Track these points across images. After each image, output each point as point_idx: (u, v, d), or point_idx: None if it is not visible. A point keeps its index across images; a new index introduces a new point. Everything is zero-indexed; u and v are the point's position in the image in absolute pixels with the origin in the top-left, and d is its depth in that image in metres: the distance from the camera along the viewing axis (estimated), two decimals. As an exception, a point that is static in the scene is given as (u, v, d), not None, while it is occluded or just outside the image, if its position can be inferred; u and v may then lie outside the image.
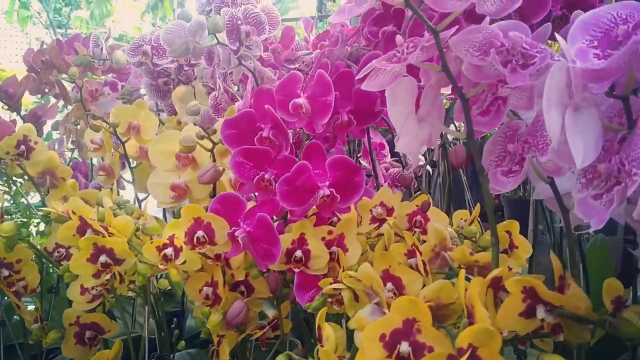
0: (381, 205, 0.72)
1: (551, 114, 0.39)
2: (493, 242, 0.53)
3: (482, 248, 0.73)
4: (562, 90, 0.40)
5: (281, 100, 0.65)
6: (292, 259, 0.63)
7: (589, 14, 0.42)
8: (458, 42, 0.49)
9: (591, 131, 0.40)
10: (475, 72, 0.49)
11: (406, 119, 0.52)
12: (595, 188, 0.41)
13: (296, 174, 0.60)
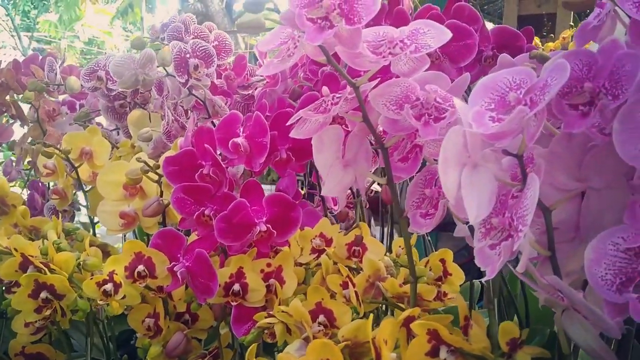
0: (320, 236, 0.75)
1: (447, 175, 0.42)
2: (411, 280, 0.56)
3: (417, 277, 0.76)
4: (459, 151, 0.43)
5: (221, 138, 0.68)
6: (230, 292, 0.65)
7: (489, 77, 0.46)
8: (377, 95, 0.53)
9: (486, 188, 0.43)
10: (391, 125, 0.52)
11: (331, 165, 0.56)
12: (492, 238, 0.45)
13: (233, 212, 0.63)
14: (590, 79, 0.44)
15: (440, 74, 0.58)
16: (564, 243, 0.48)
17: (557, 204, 0.46)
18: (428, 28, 0.51)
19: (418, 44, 0.50)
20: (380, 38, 0.52)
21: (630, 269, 0.41)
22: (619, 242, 0.42)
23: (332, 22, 0.47)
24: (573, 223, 0.48)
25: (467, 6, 0.76)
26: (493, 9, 5.65)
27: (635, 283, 0.41)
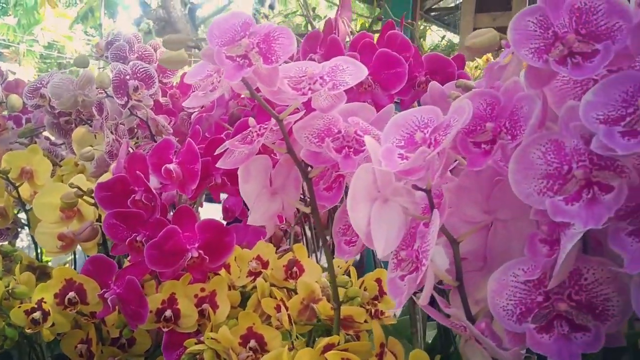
0: (257, 259, 0.76)
1: (356, 211, 0.44)
2: (334, 306, 0.58)
3: (350, 297, 0.78)
4: (369, 188, 0.45)
5: (155, 164, 0.68)
6: (162, 318, 0.66)
7: (400, 115, 0.48)
8: (300, 128, 0.55)
9: (395, 222, 0.45)
10: (313, 158, 0.54)
11: (258, 195, 0.57)
12: (402, 270, 0.47)
13: (164, 238, 0.64)
14: (492, 119, 0.47)
15: (365, 105, 0.60)
16: (473, 272, 0.50)
17: (464, 235, 0.48)
18: (347, 65, 0.53)
19: (336, 81, 0.52)
20: (301, 73, 0.53)
21: (529, 300, 0.43)
22: (519, 273, 0.44)
23: (251, 60, 0.49)
24: (482, 253, 0.50)
25: (399, 35, 0.79)
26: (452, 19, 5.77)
27: (534, 314, 0.43)
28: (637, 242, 0.37)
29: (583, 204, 0.39)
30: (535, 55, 0.43)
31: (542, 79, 0.43)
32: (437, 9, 6.05)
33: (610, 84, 0.38)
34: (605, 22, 0.42)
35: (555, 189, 0.41)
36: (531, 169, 0.42)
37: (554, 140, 0.42)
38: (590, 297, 0.42)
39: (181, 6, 8.72)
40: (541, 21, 0.44)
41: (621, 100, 0.38)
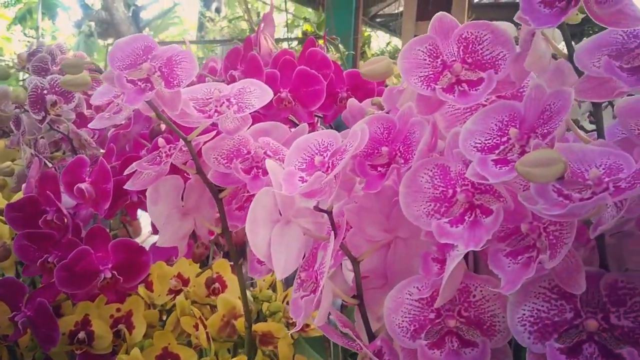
0: (178, 276, 0.76)
1: (257, 234, 0.45)
2: (246, 325, 0.58)
3: (273, 312, 0.79)
4: (270, 211, 0.46)
5: (68, 183, 0.67)
6: (76, 340, 0.65)
7: (303, 139, 0.49)
8: (209, 149, 0.55)
9: (295, 244, 0.46)
10: (222, 178, 0.55)
11: (168, 215, 0.57)
12: (304, 290, 0.48)
13: (75, 259, 0.63)
14: (388, 143, 0.49)
15: (278, 125, 0.61)
16: (375, 290, 0.51)
17: (364, 254, 0.49)
18: (254, 87, 0.54)
19: (242, 104, 0.53)
20: (208, 95, 0.54)
21: (423, 317, 0.45)
22: (413, 291, 0.46)
23: (153, 84, 0.49)
24: (383, 271, 0.52)
25: (319, 52, 0.80)
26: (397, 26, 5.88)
27: (427, 330, 0.45)
28: (513, 264, 0.39)
29: (466, 226, 0.41)
30: (424, 84, 0.45)
31: (431, 106, 0.45)
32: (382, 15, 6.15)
33: (487, 113, 0.41)
34: (490, 51, 0.45)
35: (442, 211, 0.43)
36: (420, 192, 0.44)
37: (440, 165, 0.44)
38: (479, 313, 0.44)
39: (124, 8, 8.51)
40: (431, 50, 0.46)
41: (497, 129, 0.40)
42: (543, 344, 0.37)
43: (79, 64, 0.47)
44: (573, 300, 0.38)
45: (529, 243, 0.39)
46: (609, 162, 0.35)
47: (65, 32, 9.52)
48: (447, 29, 0.46)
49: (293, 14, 6.93)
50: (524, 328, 0.38)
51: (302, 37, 6.03)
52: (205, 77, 0.83)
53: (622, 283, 0.37)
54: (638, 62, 0.38)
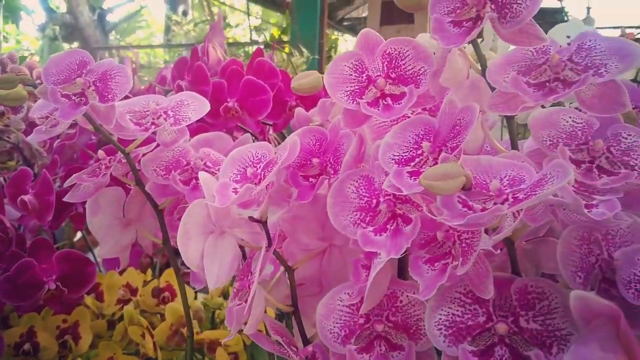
0: (126, 286, 0.76)
1: (188, 246, 0.46)
2: (188, 334, 0.59)
3: (222, 320, 0.80)
4: (203, 222, 0.47)
5: (12, 195, 0.67)
6: (21, 351, 0.64)
7: (237, 150, 0.50)
8: (148, 161, 0.56)
9: (228, 255, 0.47)
10: (160, 190, 0.55)
11: (108, 227, 0.57)
12: (240, 299, 0.49)
13: (18, 272, 0.63)
14: (320, 154, 0.50)
15: (221, 135, 0.62)
16: (310, 297, 0.53)
17: (299, 263, 0.51)
18: (192, 100, 0.55)
19: (179, 116, 0.53)
20: (146, 108, 0.54)
21: (353, 322, 0.47)
22: (344, 297, 0.47)
23: (88, 98, 0.49)
24: (318, 279, 0.53)
25: (267, 62, 0.81)
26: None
27: (356, 335, 0.46)
28: (432, 270, 0.41)
29: (389, 235, 0.43)
30: (349, 98, 0.46)
31: (358, 119, 0.47)
32: (349, 19, 6.19)
33: (405, 127, 0.43)
34: (412, 66, 0.47)
35: (368, 220, 0.45)
36: (347, 202, 0.46)
37: (365, 176, 0.45)
38: (405, 317, 0.46)
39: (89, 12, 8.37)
40: (356, 65, 0.47)
41: (413, 143, 0.42)
42: (457, 347, 0.39)
43: (12, 80, 0.47)
44: (486, 305, 0.40)
45: (446, 250, 0.41)
46: (513, 173, 0.37)
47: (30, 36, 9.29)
48: (373, 45, 0.48)
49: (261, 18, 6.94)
50: (440, 332, 0.40)
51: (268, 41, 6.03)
52: (155, 87, 0.83)
53: (531, 288, 0.39)
54: (545, 78, 0.40)
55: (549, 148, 0.42)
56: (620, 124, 0.43)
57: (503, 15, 0.37)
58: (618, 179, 0.39)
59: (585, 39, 0.40)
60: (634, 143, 0.42)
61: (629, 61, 0.38)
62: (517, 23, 0.36)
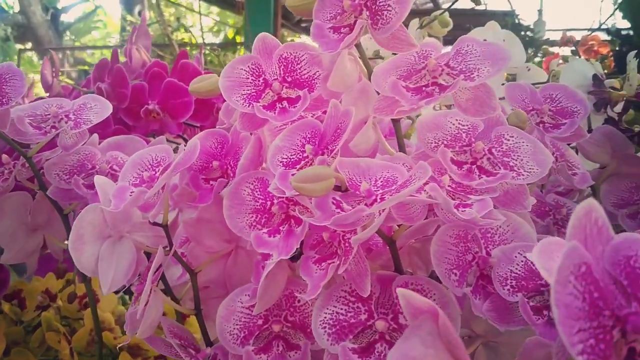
0: (45, 292, 0.75)
1: (82, 251, 0.45)
2: (96, 339, 0.59)
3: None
4: (99, 227, 0.47)
5: None
6: None
7: (138, 154, 0.50)
8: (51, 165, 0.55)
9: (125, 259, 0.47)
10: (62, 195, 0.55)
11: (13, 232, 0.56)
12: (140, 303, 0.49)
13: None
14: (221, 157, 0.51)
15: (134, 138, 0.62)
16: (216, 300, 0.53)
17: (202, 265, 0.51)
18: (95, 103, 0.55)
19: (80, 119, 0.53)
20: (47, 112, 0.54)
21: (252, 323, 0.47)
22: (244, 299, 0.48)
23: (-19, 102, 0.48)
24: (223, 281, 0.53)
25: (190, 65, 0.81)
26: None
27: (255, 336, 0.47)
28: (319, 270, 0.42)
29: (282, 236, 0.44)
30: (245, 101, 0.47)
31: (255, 122, 0.47)
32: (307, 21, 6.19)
33: (293, 130, 0.43)
34: (307, 71, 0.47)
35: (263, 222, 0.46)
36: (243, 205, 0.46)
37: (260, 178, 0.46)
38: (303, 317, 0.47)
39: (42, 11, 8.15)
40: (253, 69, 0.48)
41: (300, 145, 0.43)
42: (339, 344, 0.40)
43: None
44: (368, 303, 0.41)
45: (333, 250, 0.42)
46: (388, 175, 0.38)
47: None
48: (270, 49, 0.48)
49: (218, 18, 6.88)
50: (324, 330, 0.41)
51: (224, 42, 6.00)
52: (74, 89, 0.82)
53: (411, 285, 0.40)
54: (424, 82, 0.42)
55: (433, 150, 0.43)
56: (504, 126, 0.45)
57: (375, 21, 0.38)
58: (494, 179, 0.41)
59: (463, 44, 0.42)
60: (515, 144, 0.44)
61: (500, 65, 0.39)
62: (389, 29, 0.37)
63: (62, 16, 9.06)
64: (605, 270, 0.21)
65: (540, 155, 0.42)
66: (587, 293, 0.19)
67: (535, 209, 0.63)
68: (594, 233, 0.21)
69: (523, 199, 0.42)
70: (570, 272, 0.19)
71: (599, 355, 0.18)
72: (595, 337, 0.18)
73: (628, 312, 0.19)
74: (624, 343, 0.20)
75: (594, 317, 0.19)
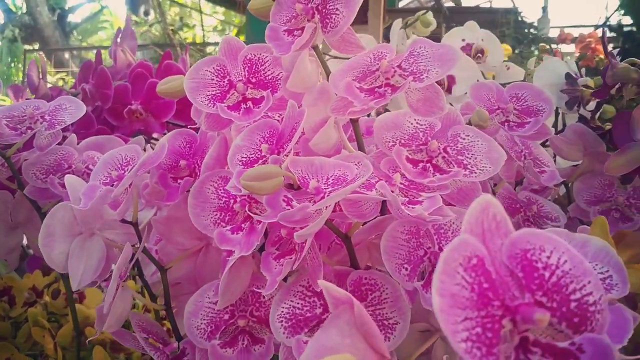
0: (32, 289, 0.77)
1: (53, 248, 0.47)
2: (74, 334, 0.60)
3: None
4: (69, 224, 0.48)
5: None
6: None
7: (109, 154, 0.51)
8: (29, 165, 0.57)
9: (95, 256, 0.49)
10: (39, 194, 0.56)
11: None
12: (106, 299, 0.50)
13: None
14: (190, 156, 0.52)
15: (113, 138, 0.63)
16: (187, 296, 0.54)
17: (172, 262, 0.52)
18: (69, 104, 0.56)
19: (55, 120, 0.54)
20: (23, 113, 0.55)
21: (218, 318, 0.49)
22: (211, 295, 0.49)
23: (-44, 104, 0.50)
24: (194, 278, 0.55)
25: (174, 65, 0.83)
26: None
27: (222, 330, 0.48)
28: (280, 266, 0.43)
29: (244, 233, 0.45)
30: (210, 102, 0.48)
31: (221, 122, 0.49)
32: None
33: (252, 130, 0.45)
34: (270, 72, 0.49)
35: (227, 220, 0.47)
36: (207, 203, 0.47)
37: (224, 177, 0.47)
38: (268, 312, 0.48)
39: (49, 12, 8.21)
40: (218, 70, 0.49)
41: (259, 145, 0.44)
42: (294, 337, 0.41)
43: None
44: (323, 297, 0.42)
45: (292, 247, 0.43)
46: (339, 173, 0.39)
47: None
48: (235, 51, 0.49)
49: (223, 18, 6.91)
50: (281, 324, 0.42)
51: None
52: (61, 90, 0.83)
53: (365, 280, 0.42)
54: (378, 83, 0.43)
55: (389, 149, 0.44)
56: (460, 125, 0.46)
57: (325, 25, 0.39)
58: (445, 177, 0.42)
59: (416, 46, 0.43)
60: (470, 143, 0.45)
61: (448, 66, 0.40)
62: (337, 32, 0.38)
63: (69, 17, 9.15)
64: (503, 263, 0.22)
65: (494, 154, 0.43)
66: (476, 284, 0.20)
67: (506, 206, 0.64)
68: (493, 227, 0.22)
69: (475, 196, 0.42)
70: (459, 263, 0.20)
71: (484, 343, 0.19)
72: (483, 325, 0.20)
73: (519, 302, 0.21)
74: (515, 332, 0.21)
75: (482, 307, 0.20)
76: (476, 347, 0.19)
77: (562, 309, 0.21)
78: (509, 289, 0.21)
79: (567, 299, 0.21)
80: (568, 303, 0.21)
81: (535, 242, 0.22)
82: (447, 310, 0.19)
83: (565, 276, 0.21)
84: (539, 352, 0.20)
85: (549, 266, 0.21)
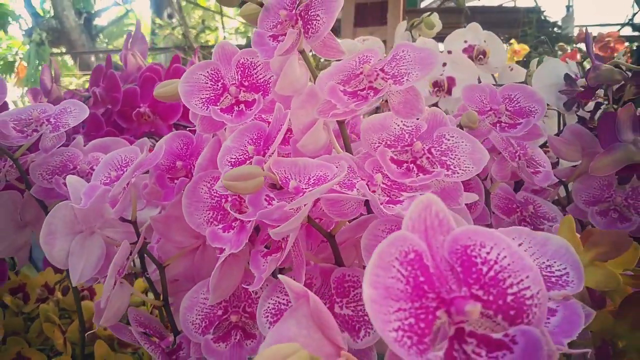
0: (44, 286, 0.80)
1: (54, 245, 0.49)
2: (79, 329, 0.63)
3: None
4: (70, 223, 0.51)
5: None
6: None
7: (110, 155, 0.54)
8: (36, 166, 0.59)
9: (95, 253, 0.51)
10: (45, 193, 0.59)
11: (3, 228, 0.61)
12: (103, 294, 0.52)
13: None
14: (186, 157, 0.54)
15: (119, 140, 0.66)
16: (185, 292, 0.56)
17: (169, 260, 0.54)
18: (74, 107, 0.58)
19: (59, 123, 0.57)
20: (29, 117, 0.58)
21: (212, 314, 0.50)
22: (206, 291, 0.51)
23: (-35, 108, 0.53)
24: (192, 275, 0.57)
25: (182, 69, 0.85)
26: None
27: (215, 325, 0.50)
28: (267, 263, 0.45)
29: (235, 231, 0.46)
30: (204, 105, 0.50)
31: (215, 124, 0.50)
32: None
33: (242, 132, 0.46)
34: (262, 75, 0.50)
35: (219, 218, 0.49)
36: (200, 202, 0.49)
37: (216, 177, 0.49)
38: (259, 308, 0.49)
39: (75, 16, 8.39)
40: (212, 74, 0.51)
41: (246, 146, 0.46)
42: (279, 332, 0.42)
43: None
44: (308, 293, 0.43)
45: (279, 245, 0.45)
46: (320, 173, 0.41)
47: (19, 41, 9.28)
48: (229, 55, 0.51)
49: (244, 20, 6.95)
50: (267, 319, 0.43)
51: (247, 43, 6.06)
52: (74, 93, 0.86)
53: (348, 277, 0.43)
54: (362, 86, 0.44)
55: (375, 150, 0.45)
56: (446, 126, 0.47)
57: (306, 30, 0.41)
58: (428, 177, 0.43)
59: (399, 49, 0.44)
60: (454, 144, 0.45)
61: (428, 69, 0.41)
62: (318, 37, 0.40)
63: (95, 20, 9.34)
64: (444, 258, 0.23)
65: (477, 154, 0.44)
66: (412, 277, 0.21)
67: (503, 206, 0.65)
68: (435, 224, 0.23)
69: (457, 195, 0.43)
70: (395, 258, 0.21)
71: (415, 333, 0.20)
72: (416, 316, 0.21)
73: (455, 295, 0.22)
74: (451, 324, 0.22)
75: (416, 299, 0.21)
76: (407, 337, 0.20)
77: (499, 302, 0.22)
78: (447, 282, 0.22)
79: (503, 292, 0.22)
80: (505, 296, 0.22)
81: (476, 238, 0.23)
82: (380, 301, 0.20)
83: (503, 271, 0.22)
84: (474, 342, 0.21)
85: (488, 261, 0.22)
